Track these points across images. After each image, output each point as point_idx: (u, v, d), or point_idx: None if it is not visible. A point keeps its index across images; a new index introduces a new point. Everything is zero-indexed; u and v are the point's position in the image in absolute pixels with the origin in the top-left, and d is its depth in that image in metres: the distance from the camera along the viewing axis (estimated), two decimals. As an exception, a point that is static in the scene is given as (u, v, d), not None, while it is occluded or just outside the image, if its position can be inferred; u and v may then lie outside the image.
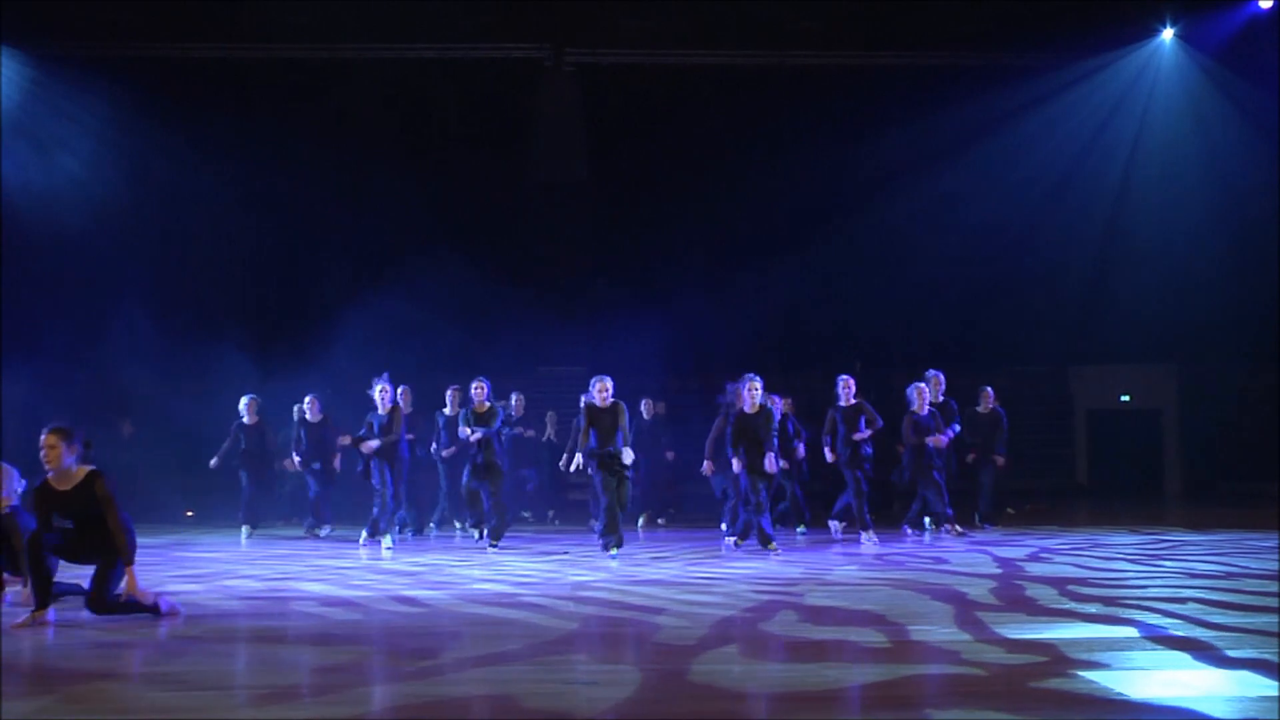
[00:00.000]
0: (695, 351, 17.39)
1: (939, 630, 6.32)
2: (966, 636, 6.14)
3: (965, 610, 7.02)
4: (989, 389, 14.70)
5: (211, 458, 14.08)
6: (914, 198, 19.50)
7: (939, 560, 10.18)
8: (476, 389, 11.96)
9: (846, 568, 9.65)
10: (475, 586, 8.81)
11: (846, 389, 12.70)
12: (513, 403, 14.82)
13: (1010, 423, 14.95)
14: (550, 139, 18.82)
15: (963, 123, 19.19)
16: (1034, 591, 7.84)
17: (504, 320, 16.54)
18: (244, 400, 14.20)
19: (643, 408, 14.76)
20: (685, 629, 6.58)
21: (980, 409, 14.63)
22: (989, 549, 11.12)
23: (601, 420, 10.87)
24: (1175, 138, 19.57)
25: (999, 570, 9.28)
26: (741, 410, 11.29)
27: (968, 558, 10.38)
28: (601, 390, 10.94)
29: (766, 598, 7.81)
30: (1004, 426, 14.59)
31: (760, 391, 11.28)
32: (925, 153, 19.35)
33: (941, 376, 13.27)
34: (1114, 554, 10.50)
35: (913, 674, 5.28)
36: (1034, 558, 10.33)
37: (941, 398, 13.29)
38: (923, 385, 12.91)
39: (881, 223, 19.42)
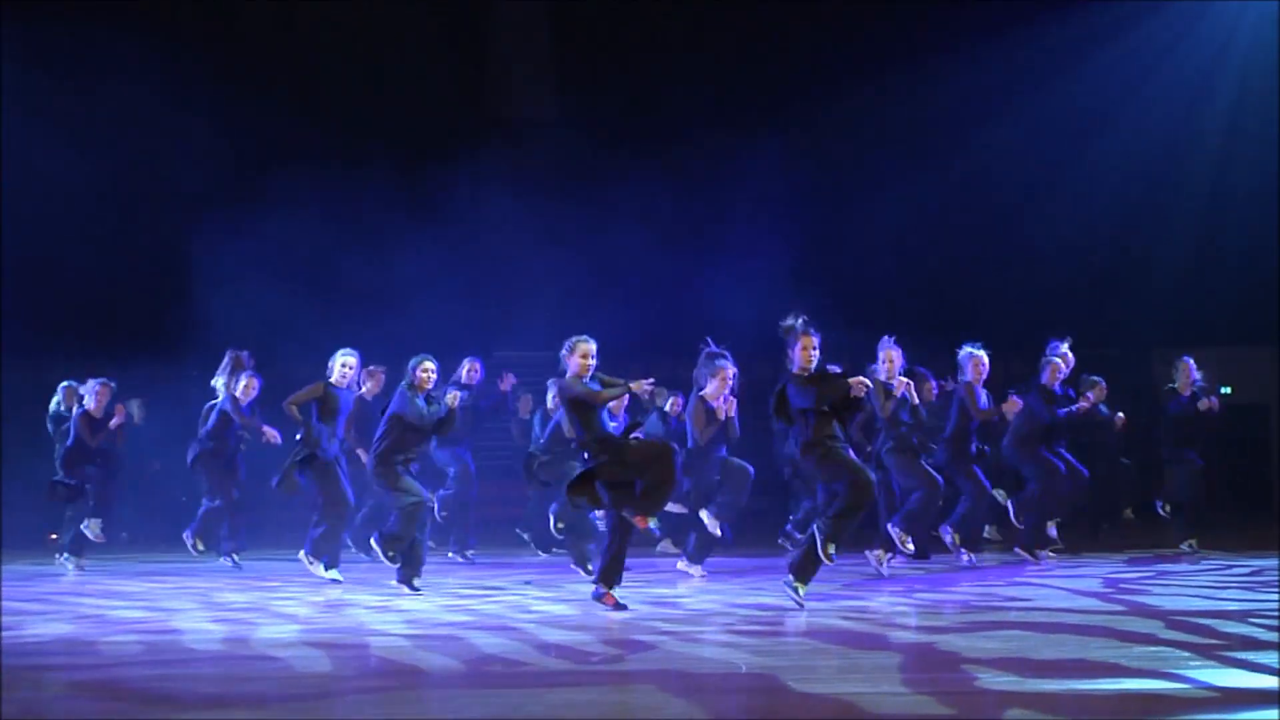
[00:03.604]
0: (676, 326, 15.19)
1: (1227, 674, 5.28)
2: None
3: (1204, 651, 5.87)
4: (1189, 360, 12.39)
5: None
6: (978, 156, 17.62)
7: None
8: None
9: (879, 599, 8.00)
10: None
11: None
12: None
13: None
14: (512, 68, 17.08)
15: (1037, 83, 17.25)
16: (1229, 627, 6.61)
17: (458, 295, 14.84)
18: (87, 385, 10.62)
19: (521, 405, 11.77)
20: (855, 691, 4.91)
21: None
22: (1034, 578, 9.14)
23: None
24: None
25: (1103, 604, 7.67)
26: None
27: (1019, 591, 8.42)
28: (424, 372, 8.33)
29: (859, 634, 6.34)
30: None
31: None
32: (983, 107, 17.41)
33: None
34: (1217, 581, 9.05)
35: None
36: (1117, 588, 8.58)
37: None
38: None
39: (940, 179, 17.62)
